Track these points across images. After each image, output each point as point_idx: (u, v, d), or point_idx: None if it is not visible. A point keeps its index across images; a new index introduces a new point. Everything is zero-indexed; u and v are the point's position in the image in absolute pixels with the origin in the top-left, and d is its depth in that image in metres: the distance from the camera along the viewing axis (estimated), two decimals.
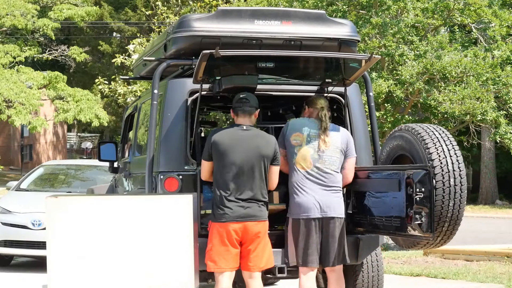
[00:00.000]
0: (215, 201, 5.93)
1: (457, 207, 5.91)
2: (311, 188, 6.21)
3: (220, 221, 5.87)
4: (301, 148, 6.27)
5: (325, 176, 6.24)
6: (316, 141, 6.28)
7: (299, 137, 6.30)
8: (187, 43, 6.53)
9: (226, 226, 5.85)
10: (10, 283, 10.36)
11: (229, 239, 5.85)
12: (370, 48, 15.38)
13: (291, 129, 6.35)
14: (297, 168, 6.25)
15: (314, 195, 6.19)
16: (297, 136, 6.31)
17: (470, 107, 14.78)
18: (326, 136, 6.28)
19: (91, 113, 25.71)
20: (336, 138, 6.33)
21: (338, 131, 6.38)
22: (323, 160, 6.26)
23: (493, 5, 16.89)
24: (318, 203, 6.18)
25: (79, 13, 29.08)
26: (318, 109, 6.38)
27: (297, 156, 6.26)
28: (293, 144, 6.29)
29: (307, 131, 6.31)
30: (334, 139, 6.31)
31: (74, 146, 53.04)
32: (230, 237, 5.85)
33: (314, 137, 6.29)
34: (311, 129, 6.32)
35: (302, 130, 6.32)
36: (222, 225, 5.86)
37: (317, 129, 6.31)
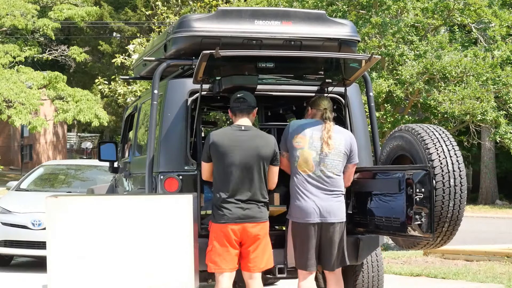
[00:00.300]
0: (215, 202, 5.93)
1: (457, 208, 5.91)
2: (312, 192, 6.06)
3: (219, 222, 5.86)
4: (303, 151, 6.10)
5: (327, 180, 6.08)
6: (319, 143, 6.10)
7: (302, 139, 6.13)
8: (187, 43, 6.52)
9: (225, 227, 5.84)
10: (10, 283, 10.36)
11: (228, 240, 5.85)
12: (370, 47, 15.38)
13: (294, 131, 6.18)
14: (299, 171, 6.10)
15: (315, 200, 6.05)
16: (299, 138, 6.13)
17: (470, 107, 14.78)
18: (330, 139, 6.10)
19: (90, 113, 25.70)
20: (340, 141, 6.16)
21: (342, 134, 6.22)
22: (326, 164, 6.09)
23: (493, 5, 16.89)
24: (318, 208, 6.04)
25: (79, 13, 29.07)
26: (321, 111, 6.24)
27: (299, 159, 6.10)
28: (296, 147, 6.13)
29: (310, 133, 6.13)
30: (337, 142, 6.14)
31: (74, 146, 53.03)
32: (229, 238, 5.85)
33: (317, 139, 6.11)
34: (314, 131, 6.14)
35: (305, 132, 6.14)
36: (222, 226, 5.85)
37: (320, 131, 6.14)
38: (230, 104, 6.16)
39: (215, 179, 5.98)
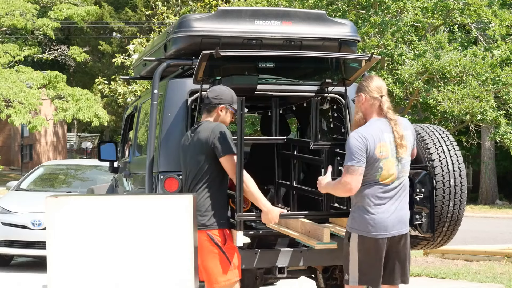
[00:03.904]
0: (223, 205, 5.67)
1: (457, 208, 5.91)
2: (388, 203, 5.21)
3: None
4: (387, 161, 5.18)
5: (401, 187, 5.27)
6: (394, 146, 5.22)
7: (384, 147, 5.18)
8: (187, 43, 6.53)
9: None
10: (10, 283, 10.36)
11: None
12: (369, 47, 15.40)
13: (374, 139, 5.16)
14: (379, 182, 5.19)
15: (390, 211, 5.22)
16: (382, 146, 5.17)
17: (470, 106, 14.80)
18: (403, 139, 5.23)
19: (90, 112, 25.71)
20: (409, 136, 5.32)
21: (406, 125, 5.36)
22: (403, 169, 5.28)
23: (493, 5, 16.90)
24: (392, 221, 5.23)
25: (79, 12, 29.08)
26: (378, 99, 5.27)
27: (383, 171, 5.18)
28: (379, 157, 5.17)
29: (389, 137, 5.20)
30: (408, 139, 5.31)
31: (74, 146, 53.06)
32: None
33: (393, 142, 5.22)
34: (386, 133, 5.21)
35: (384, 138, 5.19)
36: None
37: (390, 131, 5.23)
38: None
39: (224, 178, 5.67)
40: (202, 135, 5.48)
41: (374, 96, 5.27)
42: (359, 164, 5.12)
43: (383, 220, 5.19)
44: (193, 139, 5.59)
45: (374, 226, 5.18)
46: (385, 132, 5.20)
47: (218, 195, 5.52)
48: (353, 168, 5.13)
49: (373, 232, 5.19)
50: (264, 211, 5.46)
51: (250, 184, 5.41)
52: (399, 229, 5.25)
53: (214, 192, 5.49)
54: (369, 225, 5.19)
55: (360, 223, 5.21)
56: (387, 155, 5.17)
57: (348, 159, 5.15)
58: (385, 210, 5.20)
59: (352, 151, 5.14)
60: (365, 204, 5.20)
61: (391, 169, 5.18)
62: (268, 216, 5.47)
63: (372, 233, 5.19)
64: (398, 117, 5.36)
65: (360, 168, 5.13)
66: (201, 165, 5.49)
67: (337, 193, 5.42)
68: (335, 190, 5.34)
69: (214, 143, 5.41)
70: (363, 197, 5.20)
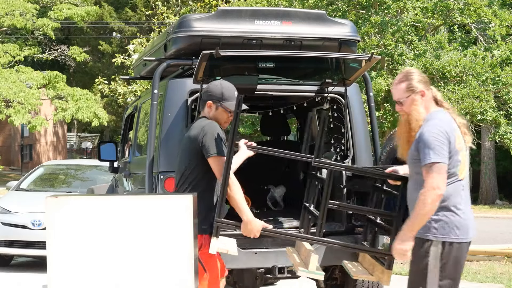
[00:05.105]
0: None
1: None
2: (467, 202, 4.66)
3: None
4: (463, 153, 4.66)
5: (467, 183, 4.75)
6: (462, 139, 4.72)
7: (459, 138, 4.66)
8: (187, 43, 6.53)
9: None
10: (10, 283, 10.36)
11: None
12: (369, 46, 15.40)
13: (452, 130, 4.62)
14: (459, 178, 4.63)
15: (470, 211, 4.68)
16: (459, 137, 4.65)
17: (469, 106, 14.80)
18: (466, 126, 4.76)
19: (89, 112, 25.72)
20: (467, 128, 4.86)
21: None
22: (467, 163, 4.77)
23: (493, 5, 16.90)
24: (472, 221, 4.68)
25: (79, 13, 29.09)
26: (431, 90, 4.80)
27: (461, 163, 4.63)
28: (458, 149, 4.62)
29: (458, 129, 4.70)
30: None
31: (74, 146, 53.06)
32: None
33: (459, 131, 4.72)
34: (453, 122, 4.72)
35: (457, 129, 4.69)
36: None
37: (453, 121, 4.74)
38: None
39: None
40: (192, 132, 5.24)
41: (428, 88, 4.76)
42: (444, 161, 4.47)
43: (467, 222, 4.58)
44: (185, 136, 5.41)
45: (460, 228, 4.53)
46: (452, 122, 4.67)
47: (205, 196, 5.19)
48: (439, 165, 4.45)
49: (461, 236, 4.54)
50: (244, 221, 5.08)
51: (235, 189, 5.05)
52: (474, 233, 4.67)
53: (200, 193, 5.07)
54: (456, 229, 4.52)
55: (445, 227, 4.52)
56: (462, 147, 4.63)
57: (429, 155, 4.47)
58: (467, 210, 4.61)
59: (433, 145, 4.46)
60: (450, 204, 4.53)
61: (466, 161, 4.64)
62: (247, 227, 5.10)
63: (460, 237, 4.53)
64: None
65: (446, 166, 4.48)
66: (189, 164, 5.23)
67: (426, 210, 4.48)
68: (422, 207, 4.46)
69: (203, 142, 5.12)
70: (447, 196, 4.52)
